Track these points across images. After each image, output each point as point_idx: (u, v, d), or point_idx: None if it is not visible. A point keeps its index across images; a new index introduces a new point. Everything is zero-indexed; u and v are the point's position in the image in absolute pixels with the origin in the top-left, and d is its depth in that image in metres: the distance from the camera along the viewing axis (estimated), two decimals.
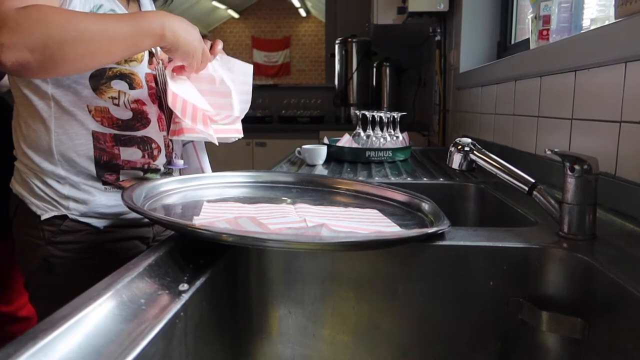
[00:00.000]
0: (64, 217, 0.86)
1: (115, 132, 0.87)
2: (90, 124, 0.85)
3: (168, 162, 0.96)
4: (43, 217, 0.85)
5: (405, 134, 1.67)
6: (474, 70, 1.86)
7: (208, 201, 0.77)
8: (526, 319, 0.61)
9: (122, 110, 0.87)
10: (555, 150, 0.65)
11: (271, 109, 3.97)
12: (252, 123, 3.63)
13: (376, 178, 1.21)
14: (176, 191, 0.84)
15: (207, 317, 0.52)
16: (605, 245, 0.62)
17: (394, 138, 1.62)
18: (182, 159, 1.02)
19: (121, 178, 0.89)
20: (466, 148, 0.79)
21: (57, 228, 0.86)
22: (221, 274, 0.57)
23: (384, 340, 0.66)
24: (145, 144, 0.90)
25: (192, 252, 0.57)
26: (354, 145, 1.58)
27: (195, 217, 0.67)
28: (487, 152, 0.77)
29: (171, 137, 0.94)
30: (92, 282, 0.45)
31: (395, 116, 1.63)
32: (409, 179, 1.22)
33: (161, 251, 0.54)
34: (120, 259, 0.88)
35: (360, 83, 3.63)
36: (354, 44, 3.57)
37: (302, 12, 10.20)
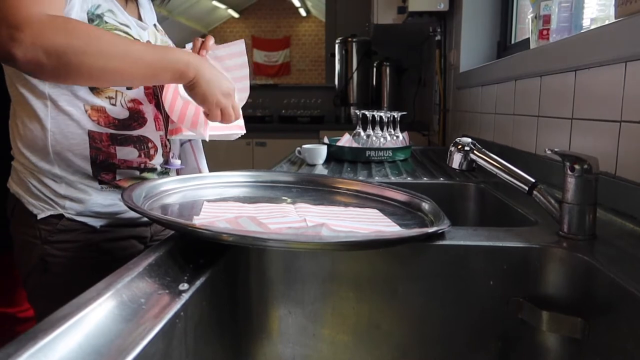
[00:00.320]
0: (60, 216, 0.86)
1: (112, 131, 0.87)
2: (86, 123, 0.85)
3: (165, 161, 0.96)
4: (39, 217, 0.85)
5: (405, 134, 1.67)
6: (474, 70, 1.86)
7: (208, 201, 0.77)
8: (526, 318, 0.61)
9: (118, 110, 0.87)
10: (556, 149, 0.65)
11: (271, 108, 3.97)
12: (252, 123, 3.63)
13: (376, 178, 1.21)
14: (176, 191, 0.84)
15: (207, 316, 0.52)
16: (605, 245, 0.62)
17: (394, 138, 1.62)
18: (180, 159, 1.02)
19: (117, 177, 0.89)
20: (466, 148, 0.79)
21: (54, 227, 0.86)
22: (221, 273, 0.57)
23: (384, 340, 0.66)
24: (142, 143, 0.90)
25: (192, 251, 0.57)
26: (354, 145, 1.58)
27: (195, 216, 0.67)
28: (487, 152, 0.77)
29: (169, 136, 0.95)
30: (89, 281, 0.45)
31: (396, 116, 1.63)
32: (409, 178, 1.22)
33: (161, 251, 0.54)
34: (118, 258, 0.89)
35: (360, 83, 3.63)
36: (354, 44, 3.57)
37: (302, 12, 10.20)
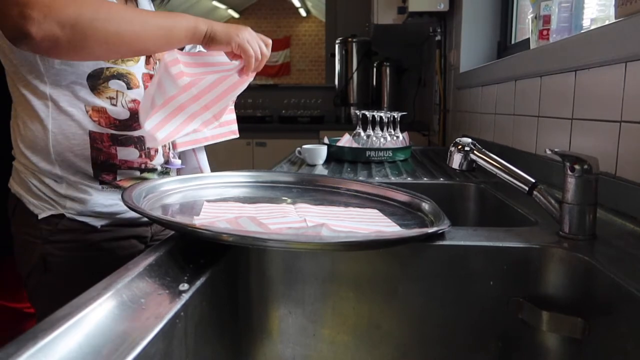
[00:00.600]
0: (61, 216, 0.86)
1: (113, 131, 0.87)
2: (87, 124, 0.85)
3: (165, 161, 0.97)
4: (40, 216, 0.86)
5: (405, 134, 1.67)
6: (474, 70, 1.86)
7: (208, 201, 0.77)
8: (526, 319, 0.61)
9: (119, 110, 0.87)
10: (556, 150, 0.65)
11: (271, 108, 3.97)
12: (252, 123, 3.63)
13: (376, 178, 1.21)
14: (176, 191, 0.84)
15: (207, 317, 0.52)
16: (606, 245, 0.62)
17: (394, 138, 1.62)
18: (180, 158, 1.02)
19: (118, 178, 0.89)
20: (466, 148, 0.79)
21: (54, 227, 0.86)
22: (221, 273, 0.57)
23: (384, 340, 0.66)
24: (142, 143, 0.90)
25: (193, 252, 0.57)
26: (354, 145, 1.58)
27: (195, 216, 0.67)
28: (487, 152, 0.77)
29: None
30: (90, 281, 0.45)
31: (396, 116, 1.63)
32: (409, 178, 1.22)
33: (161, 251, 0.54)
34: (118, 257, 0.89)
35: (360, 83, 3.63)
36: (354, 44, 3.57)
37: (303, 12, 10.20)
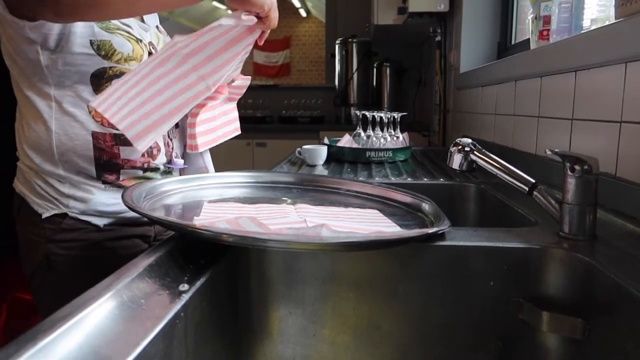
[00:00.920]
0: (64, 215, 0.87)
1: (115, 131, 0.87)
2: (90, 124, 0.86)
3: (168, 161, 0.97)
4: (44, 216, 0.86)
5: (405, 134, 1.67)
6: (474, 70, 1.86)
7: (208, 201, 0.77)
8: (526, 319, 0.61)
9: None
10: (556, 150, 0.65)
11: (271, 109, 3.97)
12: (253, 123, 3.63)
13: (376, 178, 1.21)
14: (176, 191, 0.84)
15: (207, 317, 0.52)
16: (606, 245, 0.62)
17: (394, 138, 1.62)
18: (183, 158, 1.03)
19: (121, 178, 0.90)
20: (466, 148, 0.79)
21: (58, 226, 0.86)
22: (221, 274, 0.57)
23: (384, 341, 0.66)
24: None
25: (193, 252, 0.57)
26: (354, 145, 1.58)
27: (195, 217, 0.67)
28: (487, 153, 0.77)
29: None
30: (93, 279, 0.45)
31: (396, 116, 1.63)
32: (409, 179, 1.22)
33: (161, 251, 0.54)
34: (121, 257, 0.89)
35: (360, 83, 3.63)
36: (354, 44, 3.57)
37: (303, 13, 10.20)
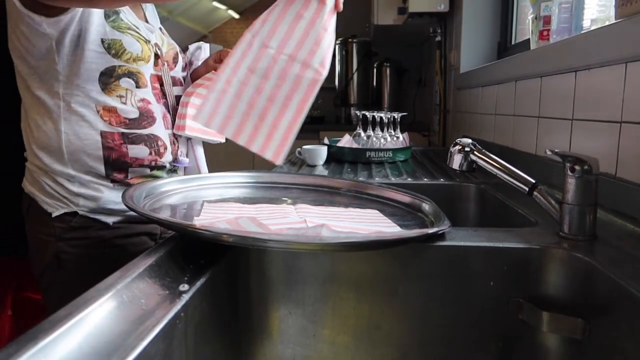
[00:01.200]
0: (74, 214, 0.88)
1: (123, 130, 0.89)
2: (98, 123, 0.87)
3: (174, 159, 0.98)
4: (54, 215, 0.87)
5: (405, 135, 1.67)
6: (474, 70, 1.86)
7: (208, 201, 0.77)
8: (526, 319, 0.61)
9: (129, 109, 0.89)
10: (556, 150, 0.65)
11: None
12: None
13: (376, 178, 1.21)
14: (177, 191, 0.84)
15: (207, 317, 0.52)
16: (606, 245, 0.62)
17: (395, 138, 1.62)
18: (187, 157, 1.04)
19: (129, 176, 0.91)
20: (466, 148, 0.79)
21: (68, 225, 0.87)
22: (222, 274, 0.57)
23: (384, 341, 0.66)
24: (152, 141, 0.92)
25: (193, 252, 0.57)
26: (355, 145, 1.58)
27: (195, 217, 0.67)
28: (487, 153, 0.77)
29: (175, 131, 0.98)
30: (102, 277, 0.46)
31: (396, 116, 1.63)
32: (409, 179, 1.22)
33: (161, 251, 0.54)
34: (130, 254, 0.91)
35: (360, 83, 3.62)
36: (354, 45, 3.57)
37: None
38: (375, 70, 3.65)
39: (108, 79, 0.86)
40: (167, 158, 0.96)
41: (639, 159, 0.75)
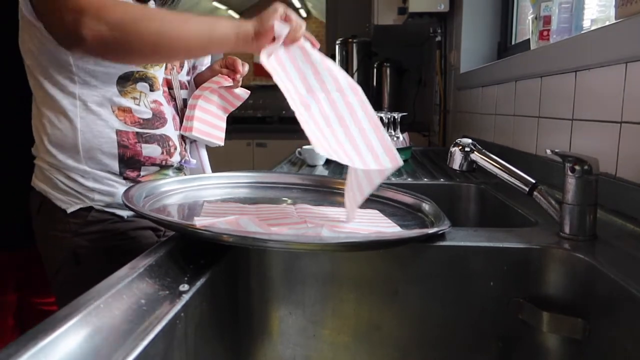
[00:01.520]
0: (89, 209, 0.88)
1: (138, 129, 0.90)
2: (114, 122, 0.88)
3: (181, 159, 1.00)
4: (69, 210, 0.87)
5: (405, 135, 1.66)
6: (475, 70, 1.86)
7: (209, 201, 0.77)
8: (527, 319, 0.61)
9: (143, 110, 0.91)
10: (556, 150, 0.65)
11: (272, 109, 3.97)
12: (253, 124, 3.63)
13: None
14: (177, 191, 0.84)
15: (207, 317, 0.52)
16: (606, 245, 0.62)
17: (395, 138, 1.62)
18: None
19: (142, 174, 0.92)
20: (467, 148, 0.79)
21: (84, 220, 0.88)
22: (222, 274, 0.57)
23: (384, 341, 0.66)
24: (164, 141, 0.94)
25: (193, 252, 0.57)
26: None
27: (195, 217, 0.67)
28: (487, 153, 0.77)
29: (182, 132, 1.00)
30: (118, 268, 0.46)
31: (396, 116, 1.63)
32: (409, 179, 1.21)
33: (161, 251, 0.54)
34: (141, 246, 0.91)
35: (360, 83, 3.51)
36: (354, 45, 3.56)
37: (303, 13, 10.20)
38: (375, 70, 3.64)
39: (125, 82, 0.88)
40: (176, 158, 0.97)
41: (639, 158, 0.75)
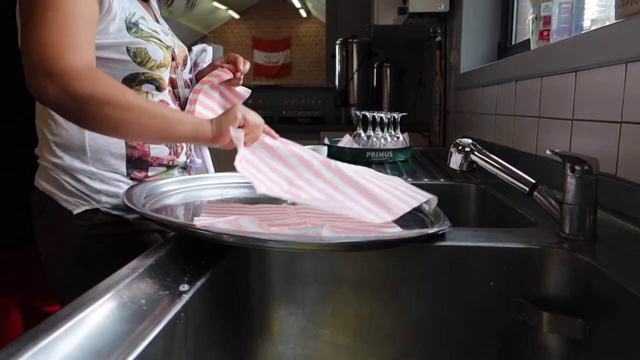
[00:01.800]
0: (95, 211, 0.87)
1: None
2: None
3: (187, 159, 1.00)
4: (75, 212, 0.86)
5: (405, 135, 1.67)
6: (475, 70, 1.86)
7: (209, 201, 0.77)
8: (527, 319, 0.61)
9: None
10: (556, 150, 0.65)
11: (272, 109, 3.96)
12: None
13: None
14: (177, 191, 0.84)
15: (207, 317, 0.52)
16: (606, 245, 0.62)
17: (395, 139, 1.62)
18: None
19: (149, 174, 0.92)
20: (467, 149, 0.79)
21: (90, 222, 0.87)
22: (222, 274, 0.57)
23: (384, 341, 0.66)
24: None
25: (193, 252, 0.57)
26: (355, 146, 1.58)
27: (196, 217, 0.67)
28: (487, 153, 0.77)
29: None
30: None
31: (396, 117, 1.63)
32: (409, 179, 1.21)
33: (162, 252, 0.54)
34: (147, 249, 0.91)
35: (360, 84, 3.62)
36: (354, 45, 3.57)
37: (303, 13, 10.20)
38: (375, 70, 3.65)
39: (130, 83, 0.87)
40: (182, 158, 0.98)
41: (639, 158, 0.75)
